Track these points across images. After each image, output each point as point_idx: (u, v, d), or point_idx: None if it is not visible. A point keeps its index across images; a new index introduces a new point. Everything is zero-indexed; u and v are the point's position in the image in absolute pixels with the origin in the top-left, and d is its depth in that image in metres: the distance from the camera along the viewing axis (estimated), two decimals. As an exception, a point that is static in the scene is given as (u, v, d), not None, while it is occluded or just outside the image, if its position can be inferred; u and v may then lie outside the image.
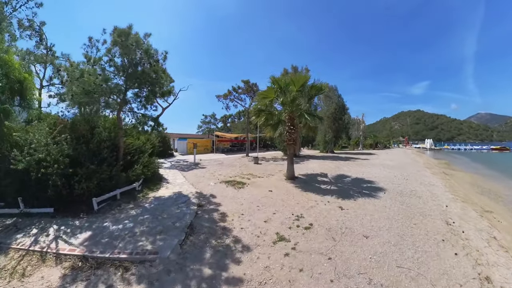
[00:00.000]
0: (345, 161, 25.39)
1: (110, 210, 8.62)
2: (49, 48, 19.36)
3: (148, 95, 10.88)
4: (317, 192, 10.94)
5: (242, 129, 43.43)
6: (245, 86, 26.24)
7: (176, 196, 10.39)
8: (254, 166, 19.08)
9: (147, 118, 11.60)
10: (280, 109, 13.39)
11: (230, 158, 25.27)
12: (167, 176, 14.37)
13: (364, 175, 15.95)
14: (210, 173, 15.33)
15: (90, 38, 14.56)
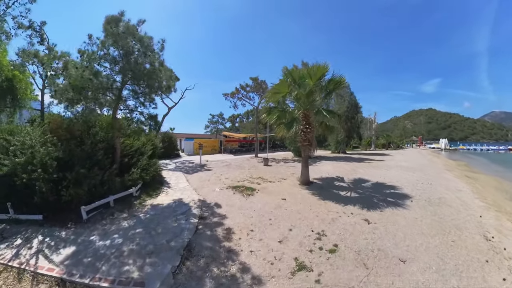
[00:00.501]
0: (360, 163, 23.64)
1: (101, 220, 7.63)
2: (51, 48, 18.45)
3: (145, 91, 9.57)
4: (336, 201, 9.42)
5: (250, 129, 41.96)
6: (253, 83, 24.82)
7: (176, 204, 9.05)
8: (264, 168, 17.62)
9: (144, 116, 10.29)
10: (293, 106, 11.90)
11: (238, 159, 23.89)
12: (170, 180, 13.09)
13: (384, 179, 14.36)
14: (216, 176, 13.95)
15: (90, 36, 13.46)
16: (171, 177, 13.66)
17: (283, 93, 10.96)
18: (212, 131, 47.94)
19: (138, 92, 9.80)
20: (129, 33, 8.56)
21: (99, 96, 9.37)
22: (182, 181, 12.63)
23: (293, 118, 10.60)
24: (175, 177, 13.81)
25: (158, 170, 11.92)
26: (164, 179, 13.23)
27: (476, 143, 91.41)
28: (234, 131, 49.68)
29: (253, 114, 44.44)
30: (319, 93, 11.16)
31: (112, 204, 9.02)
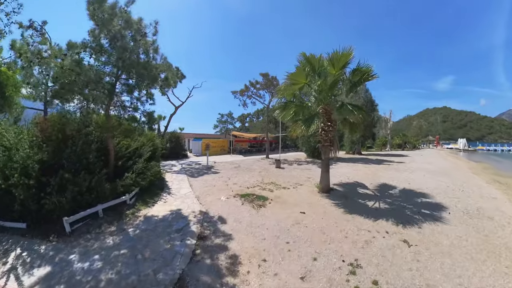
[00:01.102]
0: (379, 165, 21.54)
1: (86, 233, 6.51)
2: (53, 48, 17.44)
3: (138, 83, 8.10)
4: (365, 214, 7.70)
5: (261, 129, 40.30)
6: (263, 80, 23.15)
7: (173, 217, 7.54)
8: (276, 172, 15.92)
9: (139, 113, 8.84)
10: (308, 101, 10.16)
11: (248, 160, 22.28)
12: (172, 184, 11.63)
13: (410, 184, 12.50)
14: (223, 181, 12.38)
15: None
16: (173, 181, 12.20)
17: (300, 84, 9.22)
18: (221, 131, 46.57)
19: (130, 85, 8.34)
20: (115, 14, 7.09)
21: (87, 91, 7.98)
22: (185, 186, 11.12)
23: (313, 114, 8.83)
24: (178, 181, 12.34)
25: (157, 175, 10.47)
26: (166, 183, 11.80)
27: (495, 144, 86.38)
28: (244, 131, 48.18)
29: (263, 113, 42.72)
30: (342, 85, 9.39)
31: (101, 214, 7.72)
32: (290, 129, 10.70)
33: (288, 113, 9.56)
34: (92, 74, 7.59)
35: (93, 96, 8.28)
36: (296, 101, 9.40)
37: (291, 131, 10.15)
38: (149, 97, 9.63)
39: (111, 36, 7.22)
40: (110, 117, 9.13)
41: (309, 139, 26.73)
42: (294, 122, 9.60)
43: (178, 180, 12.57)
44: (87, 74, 7.39)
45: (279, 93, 10.21)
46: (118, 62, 7.47)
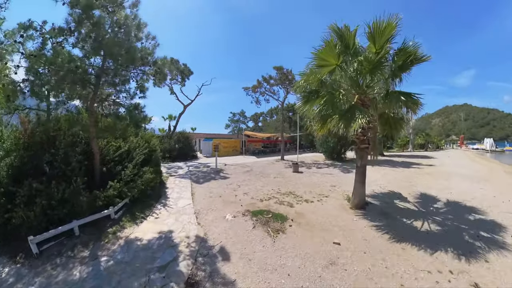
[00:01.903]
0: (408, 169, 18.79)
1: (57, 257, 5.17)
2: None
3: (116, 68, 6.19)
4: (417, 242, 5.65)
5: (275, 128, 38.06)
6: (277, 74, 20.95)
7: (160, 243, 5.59)
8: (294, 177, 13.70)
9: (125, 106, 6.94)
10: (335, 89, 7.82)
11: (261, 162, 20.17)
12: (171, 192, 9.76)
13: (453, 194, 10.22)
14: (232, 189, 10.32)
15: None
16: (174, 188, 10.31)
17: (329, 67, 6.91)
18: (233, 131, 44.56)
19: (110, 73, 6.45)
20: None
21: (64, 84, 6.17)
22: (185, 196, 9.18)
23: (351, 106, 6.50)
24: (180, 188, 10.43)
25: (151, 183, 8.57)
26: (165, 191, 9.96)
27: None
28: (257, 130, 45.99)
29: (277, 111, 40.37)
30: (382, 70, 7.03)
31: (77, 231, 6.07)
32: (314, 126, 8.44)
33: (312, 105, 7.33)
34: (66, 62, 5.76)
35: (72, 90, 6.50)
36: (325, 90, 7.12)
37: (318, 129, 7.88)
38: (141, 89, 7.78)
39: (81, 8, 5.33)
40: (93, 114, 7.33)
41: (328, 139, 24.28)
42: (322, 117, 7.32)
43: (180, 186, 10.66)
44: (62, 65, 5.57)
45: (300, 81, 7.91)
46: (88, 40, 5.57)
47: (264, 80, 21.33)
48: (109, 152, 8.51)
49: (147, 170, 8.41)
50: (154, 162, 9.83)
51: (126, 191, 7.36)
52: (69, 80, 6.09)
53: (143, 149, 9.25)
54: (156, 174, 9.61)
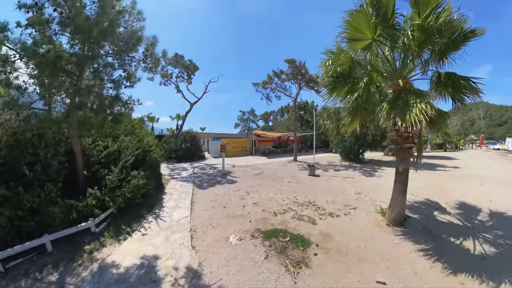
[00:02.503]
0: (433, 171, 16.67)
1: (23, 277, 4.24)
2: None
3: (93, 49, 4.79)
4: (476, 272, 4.42)
5: (286, 127, 36.25)
6: (289, 68, 19.24)
7: (140, 274, 4.23)
8: (311, 182, 12.03)
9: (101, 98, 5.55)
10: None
11: (272, 163, 18.57)
12: (168, 199, 8.37)
13: (493, 202, 8.67)
14: (240, 196, 8.78)
15: None
16: (172, 194, 8.91)
17: (364, 41, 5.11)
18: (243, 130, 42.92)
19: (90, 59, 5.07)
20: None
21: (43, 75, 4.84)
22: (184, 205, 7.74)
23: (400, 90, 4.76)
24: (179, 193, 9.02)
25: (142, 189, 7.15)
26: (162, 197, 8.57)
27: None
28: (267, 130, 44.21)
29: (288, 110, 38.54)
30: (435, 43, 5.25)
31: (49, 247, 4.96)
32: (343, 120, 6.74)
33: (343, 92, 5.67)
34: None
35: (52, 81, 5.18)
36: (360, 72, 5.42)
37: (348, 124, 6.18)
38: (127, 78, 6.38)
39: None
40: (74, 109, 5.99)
41: (344, 139, 22.41)
42: (355, 108, 5.64)
43: (180, 192, 9.23)
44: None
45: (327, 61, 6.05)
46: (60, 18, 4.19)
47: (275, 75, 19.69)
48: (94, 153, 7.18)
49: (137, 174, 6.99)
50: (149, 164, 8.42)
51: (109, 200, 5.98)
52: (43, 69, 4.78)
53: (134, 149, 7.84)
54: (152, 178, 8.21)
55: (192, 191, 9.36)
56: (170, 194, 9.06)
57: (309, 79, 19.97)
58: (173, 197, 8.69)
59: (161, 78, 21.99)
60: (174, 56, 19.48)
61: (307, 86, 20.92)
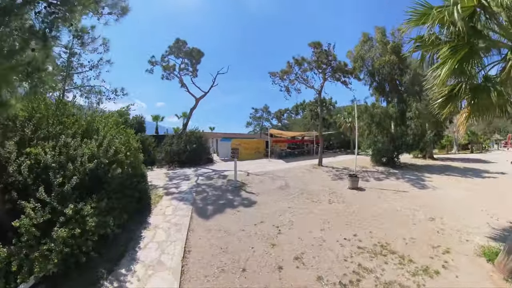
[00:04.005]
0: (482, 179, 13.22)
1: None
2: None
3: None
4: None
5: (303, 125, 32.24)
6: (313, 54, 15.48)
7: None
8: (360, 200, 8.36)
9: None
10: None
11: (294, 169, 14.89)
12: (147, 242, 4.86)
13: None
14: (266, 240, 5.11)
15: None
16: (157, 228, 5.43)
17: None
18: (255, 130, 38.85)
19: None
20: None
21: None
22: (170, 261, 4.22)
23: None
24: (168, 228, 5.51)
25: (92, 235, 3.68)
26: (140, 236, 5.12)
27: None
28: (281, 129, 39.85)
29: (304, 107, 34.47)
30: None
31: None
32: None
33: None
34: None
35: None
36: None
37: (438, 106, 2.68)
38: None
39: None
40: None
41: (377, 138, 18.49)
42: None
43: (170, 224, 5.72)
44: None
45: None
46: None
47: (295, 62, 15.99)
48: (15, 168, 3.76)
49: (86, 209, 3.53)
50: (117, 184, 4.92)
51: (21, 263, 2.52)
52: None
53: (83, 162, 4.33)
54: (119, 210, 4.74)
55: (189, 223, 5.81)
56: (154, 227, 5.58)
57: (337, 67, 16.18)
58: (157, 235, 5.19)
59: (163, 71, 18.72)
60: (176, 42, 16.07)
61: (332, 77, 17.13)
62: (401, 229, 5.81)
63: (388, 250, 4.71)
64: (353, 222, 6.21)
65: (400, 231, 5.68)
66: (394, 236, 5.38)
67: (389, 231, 5.64)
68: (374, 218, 6.57)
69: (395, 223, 6.23)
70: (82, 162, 4.38)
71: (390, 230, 5.75)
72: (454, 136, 43.25)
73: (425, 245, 4.97)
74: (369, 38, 20.42)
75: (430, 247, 4.91)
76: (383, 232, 5.62)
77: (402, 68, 18.68)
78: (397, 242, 5.10)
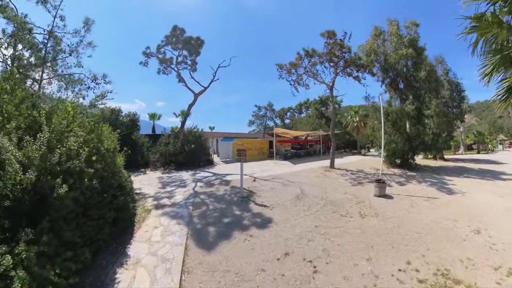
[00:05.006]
0: (504, 181, 12.02)
1: None
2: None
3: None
4: None
5: (310, 124, 30.21)
6: (326, 46, 13.70)
7: None
8: (394, 211, 6.71)
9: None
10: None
11: (305, 173, 13.13)
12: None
13: None
14: (294, 282, 3.43)
15: None
16: (140, 262, 3.69)
17: None
18: (259, 129, 36.53)
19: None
20: None
21: None
22: None
23: None
24: (156, 263, 3.77)
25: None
26: (114, 277, 3.36)
27: None
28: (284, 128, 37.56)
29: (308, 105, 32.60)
30: None
31: None
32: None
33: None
34: None
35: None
36: None
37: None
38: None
39: None
40: None
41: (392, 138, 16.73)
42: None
43: (156, 261, 3.97)
44: None
45: None
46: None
47: (306, 54, 14.26)
48: None
49: (5, 262, 1.79)
50: (73, 207, 3.15)
51: None
52: None
53: (14, 173, 2.58)
54: (83, 244, 3.00)
55: (184, 257, 4.04)
56: (135, 264, 3.84)
57: (351, 60, 14.48)
58: (137, 280, 3.44)
59: (159, 64, 16.90)
60: (173, 30, 14.23)
61: (344, 72, 15.44)
62: (452, 247, 4.76)
63: (452, 280, 3.65)
64: (399, 243, 4.86)
65: (452, 250, 4.62)
66: (450, 258, 4.32)
67: (442, 253, 4.54)
68: (418, 235, 5.27)
69: (442, 240, 5.12)
70: (13, 172, 2.62)
71: (442, 251, 4.63)
72: (461, 137, 41.74)
73: (486, 267, 4.10)
74: (381, 32, 18.77)
75: (491, 269, 4.06)
76: (436, 254, 4.46)
77: (419, 63, 17.04)
78: (456, 266, 4.12)
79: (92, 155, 4.04)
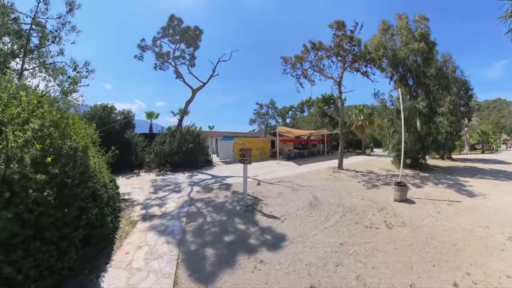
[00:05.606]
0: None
1: None
2: None
3: None
4: None
5: (314, 123, 29.05)
6: (334, 39, 12.61)
7: None
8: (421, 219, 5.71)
9: None
10: None
11: (312, 174, 12.04)
12: None
13: None
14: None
15: None
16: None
17: None
18: (260, 127, 35.15)
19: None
20: None
21: None
22: None
23: None
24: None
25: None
26: None
27: None
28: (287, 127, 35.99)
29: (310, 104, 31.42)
30: None
31: None
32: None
33: None
34: None
35: None
36: None
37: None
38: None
39: None
40: None
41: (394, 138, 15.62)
42: None
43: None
44: None
45: None
46: None
47: (312, 47, 13.17)
48: None
49: None
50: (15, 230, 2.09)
51: None
52: None
53: None
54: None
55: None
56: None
57: (360, 54, 13.41)
58: None
59: (156, 59, 15.80)
60: (169, 20, 13.09)
61: (351, 67, 14.36)
62: (493, 260, 4.06)
63: None
64: (438, 259, 4.10)
65: (495, 264, 3.95)
66: (495, 275, 3.67)
67: (485, 267, 3.83)
68: (455, 248, 4.43)
69: (482, 252, 4.36)
70: None
71: (485, 265, 3.89)
72: (466, 136, 40.74)
73: None
74: (389, 26, 17.73)
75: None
76: (480, 271, 3.74)
77: (430, 58, 16.01)
78: (503, 283, 3.45)
79: (46, 155, 2.94)
